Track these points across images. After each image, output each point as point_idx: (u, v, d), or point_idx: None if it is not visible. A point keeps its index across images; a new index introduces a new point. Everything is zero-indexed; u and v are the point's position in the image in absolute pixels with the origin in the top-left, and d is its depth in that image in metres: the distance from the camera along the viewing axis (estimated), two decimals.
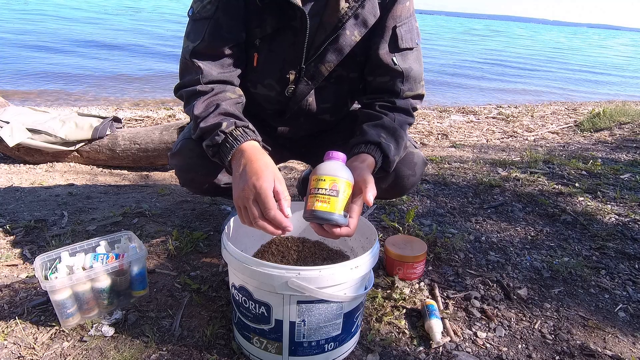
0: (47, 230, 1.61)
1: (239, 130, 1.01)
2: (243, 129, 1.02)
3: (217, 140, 1.00)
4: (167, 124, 2.74)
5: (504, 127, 4.46)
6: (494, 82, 8.82)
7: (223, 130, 1.00)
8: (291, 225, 0.90)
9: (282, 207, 0.90)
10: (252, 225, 0.91)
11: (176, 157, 1.22)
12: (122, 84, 5.81)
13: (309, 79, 1.19)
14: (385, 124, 1.12)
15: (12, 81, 5.42)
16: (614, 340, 1.17)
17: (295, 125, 1.33)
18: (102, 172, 2.57)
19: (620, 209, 2.02)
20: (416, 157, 1.24)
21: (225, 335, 1.10)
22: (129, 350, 1.04)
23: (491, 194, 2.18)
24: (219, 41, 1.11)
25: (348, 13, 1.10)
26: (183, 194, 2.05)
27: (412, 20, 1.17)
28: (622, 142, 3.47)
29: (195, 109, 1.06)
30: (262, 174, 0.90)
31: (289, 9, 1.09)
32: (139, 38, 10.59)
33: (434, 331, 1.12)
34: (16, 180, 2.29)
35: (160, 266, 1.40)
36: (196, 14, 1.12)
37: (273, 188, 0.90)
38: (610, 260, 1.59)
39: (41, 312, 1.15)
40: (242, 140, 0.99)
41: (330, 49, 1.14)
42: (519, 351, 1.12)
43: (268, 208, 0.88)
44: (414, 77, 1.18)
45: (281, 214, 0.89)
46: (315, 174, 0.93)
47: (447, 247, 1.59)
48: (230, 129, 1.00)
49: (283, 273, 0.86)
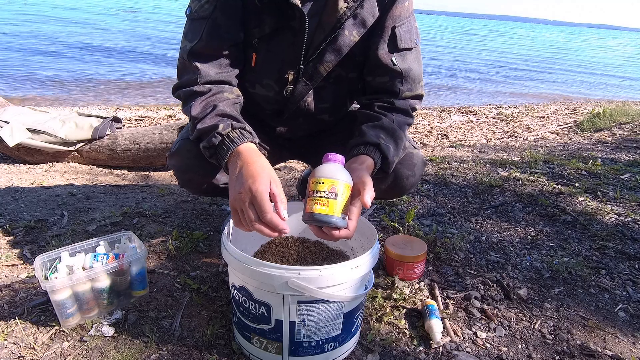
0: (47, 230, 1.61)
1: (236, 132, 1.01)
2: (240, 130, 1.02)
3: (213, 142, 1.00)
4: (167, 124, 2.74)
5: (504, 127, 4.46)
6: (494, 82, 8.82)
7: (220, 132, 1.00)
8: (287, 228, 0.90)
9: (279, 210, 0.90)
10: (248, 228, 0.92)
11: (174, 157, 1.22)
12: (122, 87, 5.79)
13: (307, 79, 1.19)
14: (384, 125, 1.12)
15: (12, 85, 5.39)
16: (614, 340, 1.17)
17: (294, 126, 1.33)
18: (102, 172, 2.57)
19: (620, 209, 2.02)
20: (416, 157, 1.23)
21: (225, 335, 1.10)
22: (129, 350, 1.04)
23: (491, 194, 2.18)
24: (217, 41, 1.10)
25: (347, 13, 1.10)
26: (183, 194, 2.05)
27: (412, 21, 1.17)
28: (622, 142, 3.47)
29: (193, 110, 1.06)
30: (258, 177, 0.90)
31: (288, 9, 1.09)
32: (139, 39, 10.58)
33: (434, 331, 1.12)
34: (16, 180, 2.29)
35: (160, 266, 1.40)
36: (194, 14, 1.11)
37: (269, 191, 0.90)
38: (610, 260, 1.59)
39: (41, 312, 1.15)
40: (238, 142, 0.99)
41: (329, 49, 1.14)
42: (519, 351, 1.12)
43: (264, 211, 0.88)
44: (413, 77, 1.18)
45: (277, 216, 0.89)
46: (314, 177, 0.93)
47: (447, 247, 1.59)
48: (227, 131, 1.00)
49: (283, 273, 0.86)
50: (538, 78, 10.08)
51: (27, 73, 5.95)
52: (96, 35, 10.30)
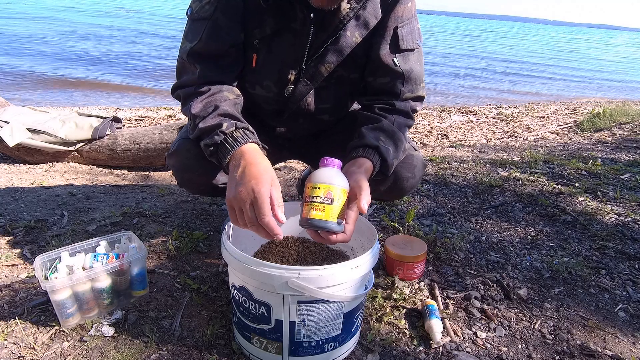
0: (47, 230, 1.61)
1: (239, 132, 1.01)
2: (243, 130, 1.01)
3: (216, 140, 1.00)
4: (167, 124, 2.74)
5: (504, 127, 4.46)
6: (494, 82, 8.82)
7: (223, 131, 1.00)
8: (282, 234, 0.90)
9: (276, 214, 0.90)
10: (245, 227, 0.92)
11: (173, 157, 1.22)
12: (122, 87, 5.78)
13: (308, 79, 1.19)
14: (384, 127, 1.11)
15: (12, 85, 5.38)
16: (614, 340, 1.17)
17: (294, 126, 1.33)
18: (102, 172, 2.57)
19: (620, 209, 2.02)
20: (416, 159, 1.23)
21: (225, 335, 1.10)
22: (129, 350, 1.04)
23: (491, 194, 2.18)
24: (217, 42, 1.10)
25: (349, 14, 1.10)
26: (183, 194, 2.05)
27: (414, 22, 1.17)
28: (622, 142, 3.46)
29: (193, 108, 1.06)
30: (260, 179, 0.90)
31: (290, 10, 1.09)
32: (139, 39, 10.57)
33: (434, 331, 1.12)
34: (16, 180, 2.29)
35: (160, 266, 1.40)
36: (195, 14, 1.11)
37: (269, 193, 0.90)
38: (610, 260, 1.59)
39: (41, 312, 1.15)
40: (242, 142, 0.99)
41: (331, 49, 1.14)
42: (519, 351, 1.12)
43: (263, 214, 0.88)
44: (414, 78, 1.18)
45: (274, 220, 0.89)
46: (310, 182, 0.93)
47: (447, 247, 1.59)
48: (231, 130, 1.00)
49: (283, 273, 0.86)
50: (538, 78, 10.08)
51: (28, 73, 5.95)
52: (96, 35, 10.30)
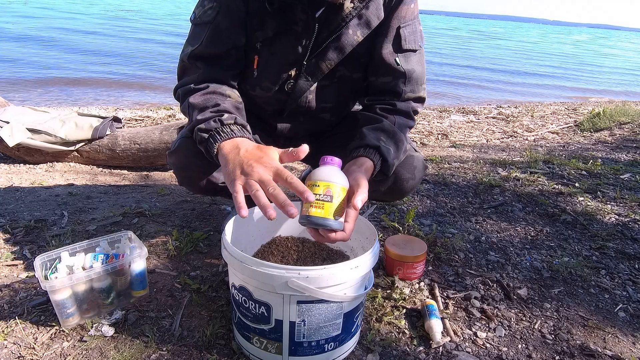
0: (47, 230, 1.61)
1: (237, 127, 1.01)
2: (242, 127, 1.02)
3: (213, 126, 0.99)
4: (167, 124, 2.74)
5: (504, 127, 4.46)
6: (494, 82, 8.82)
7: (222, 120, 0.99)
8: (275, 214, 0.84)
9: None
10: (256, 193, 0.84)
11: (174, 155, 1.22)
12: (122, 87, 5.78)
13: (308, 74, 1.19)
14: (385, 127, 1.11)
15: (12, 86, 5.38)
16: (614, 340, 1.17)
17: (295, 124, 1.33)
18: (102, 172, 2.57)
19: (620, 209, 2.02)
20: (416, 160, 1.23)
21: (225, 335, 1.10)
22: (129, 350, 1.04)
23: (491, 194, 2.18)
24: (218, 44, 1.11)
25: (352, 13, 1.11)
26: (183, 194, 2.05)
27: (416, 23, 1.18)
28: (622, 142, 3.47)
29: (192, 99, 1.06)
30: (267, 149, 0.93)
31: (292, 12, 1.09)
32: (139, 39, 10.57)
33: (434, 331, 1.12)
34: (16, 180, 2.29)
35: (160, 266, 1.40)
36: (197, 19, 1.13)
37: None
38: (610, 260, 1.59)
39: (41, 312, 1.15)
40: (237, 134, 0.99)
41: (332, 47, 1.14)
42: (519, 351, 1.12)
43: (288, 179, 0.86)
44: (416, 78, 1.18)
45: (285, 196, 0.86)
46: (310, 180, 0.93)
47: (447, 247, 1.59)
48: (229, 123, 1.00)
49: (283, 273, 0.86)
50: (538, 77, 10.08)
51: (27, 73, 5.95)
52: (96, 36, 10.30)
